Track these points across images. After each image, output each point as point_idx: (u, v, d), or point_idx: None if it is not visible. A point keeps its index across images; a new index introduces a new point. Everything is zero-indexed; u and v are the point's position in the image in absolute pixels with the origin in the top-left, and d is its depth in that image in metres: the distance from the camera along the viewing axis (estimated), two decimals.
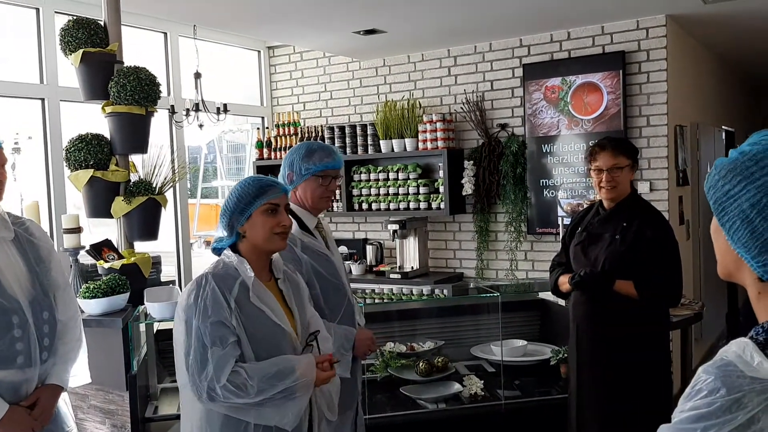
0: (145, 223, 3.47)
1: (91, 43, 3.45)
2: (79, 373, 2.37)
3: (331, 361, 2.08)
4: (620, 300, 2.88)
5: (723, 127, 7.31)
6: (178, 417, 3.15)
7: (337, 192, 5.90)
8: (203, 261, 5.73)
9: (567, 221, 4.92)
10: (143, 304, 3.18)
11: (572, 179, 5.25)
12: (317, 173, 2.53)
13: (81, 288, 3.15)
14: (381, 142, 5.72)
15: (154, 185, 3.51)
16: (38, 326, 2.16)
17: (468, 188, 5.49)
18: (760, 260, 0.95)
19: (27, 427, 2.11)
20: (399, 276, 5.47)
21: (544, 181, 5.36)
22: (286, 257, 2.27)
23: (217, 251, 2.10)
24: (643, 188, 4.94)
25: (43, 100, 4.48)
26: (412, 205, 5.62)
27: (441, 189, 5.51)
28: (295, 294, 2.16)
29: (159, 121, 4.26)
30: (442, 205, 5.50)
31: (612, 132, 4.89)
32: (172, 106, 4.97)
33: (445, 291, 4.69)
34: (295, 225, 2.52)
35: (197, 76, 5.05)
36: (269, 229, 2.02)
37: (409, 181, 5.64)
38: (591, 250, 2.99)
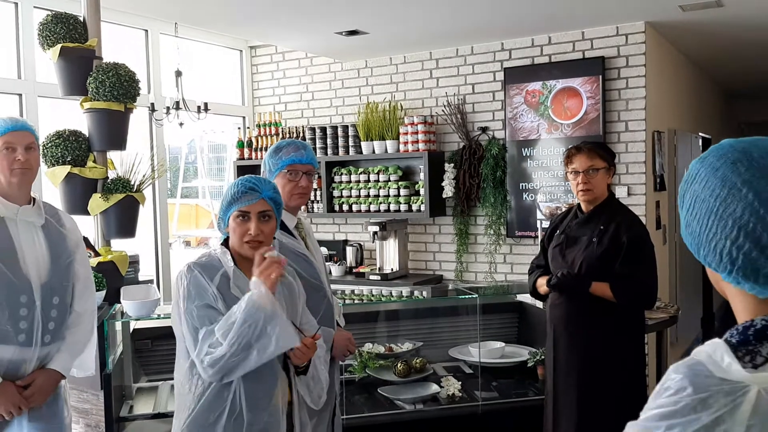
0: (123, 221, 3.45)
1: (70, 38, 3.42)
2: (84, 364, 2.46)
3: (314, 336, 2.04)
4: (596, 302, 2.91)
5: (700, 133, 7.41)
6: (153, 416, 3.14)
7: (318, 193, 5.90)
8: (182, 260, 5.68)
9: (546, 224, 4.96)
10: (120, 302, 3.15)
11: (552, 183, 5.29)
12: (285, 168, 2.54)
13: None
14: (362, 143, 5.72)
15: (132, 183, 3.48)
16: (45, 310, 2.24)
17: (448, 191, 5.51)
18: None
19: (14, 403, 2.17)
20: (379, 277, 5.47)
21: (524, 184, 5.40)
22: None
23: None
24: (620, 193, 4.99)
25: (20, 95, 4.42)
26: (392, 207, 5.63)
27: (421, 191, 5.52)
28: (288, 296, 2.15)
29: (139, 120, 4.23)
30: (423, 208, 5.51)
31: (591, 136, 4.93)
32: (152, 104, 4.93)
33: (424, 292, 4.70)
34: None
35: (178, 74, 5.01)
36: (239, 237, 2.04)
37: (389, 183, 5.64)
38: (569, 252, 3.01)
